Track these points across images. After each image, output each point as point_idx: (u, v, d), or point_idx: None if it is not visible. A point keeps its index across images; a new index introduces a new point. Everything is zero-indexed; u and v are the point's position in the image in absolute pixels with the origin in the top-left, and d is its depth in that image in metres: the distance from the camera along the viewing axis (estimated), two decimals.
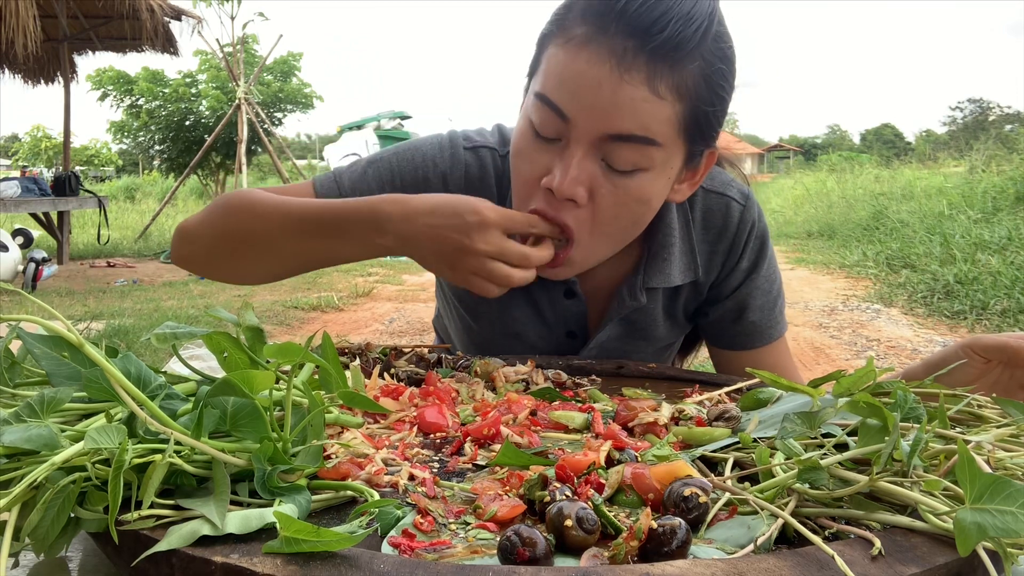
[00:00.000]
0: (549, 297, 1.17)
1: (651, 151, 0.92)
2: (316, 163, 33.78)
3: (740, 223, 1.16)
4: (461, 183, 1.14)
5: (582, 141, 0.92)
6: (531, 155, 0.97)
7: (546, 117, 0.94)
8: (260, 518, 0.51)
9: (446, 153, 1.15)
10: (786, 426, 0.64)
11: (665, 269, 1.12)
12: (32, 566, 0.58)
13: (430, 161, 1.15)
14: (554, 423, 0.79)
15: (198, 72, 16.92)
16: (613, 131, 0.90)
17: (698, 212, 1.16)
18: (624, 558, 0.51)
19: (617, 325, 1.18)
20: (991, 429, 0.67)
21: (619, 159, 0.92)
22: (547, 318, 1.19)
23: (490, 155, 1.16)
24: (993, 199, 9.42)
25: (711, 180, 1.17)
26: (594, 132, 0.91)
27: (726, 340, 1.24)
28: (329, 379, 0.72)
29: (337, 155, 9.95)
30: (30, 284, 6.73)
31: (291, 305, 6.28)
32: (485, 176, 1.15)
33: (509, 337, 1.21)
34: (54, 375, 0.62)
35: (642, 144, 0.91)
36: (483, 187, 1.15)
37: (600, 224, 0.97)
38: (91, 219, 12.39)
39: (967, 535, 0.48)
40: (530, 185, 0.98)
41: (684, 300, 1.20)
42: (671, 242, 1.12)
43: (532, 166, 0.97)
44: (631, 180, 0.94)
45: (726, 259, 1.17)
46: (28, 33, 7.43)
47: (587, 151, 0.92)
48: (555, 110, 0.92)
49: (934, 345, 4.93)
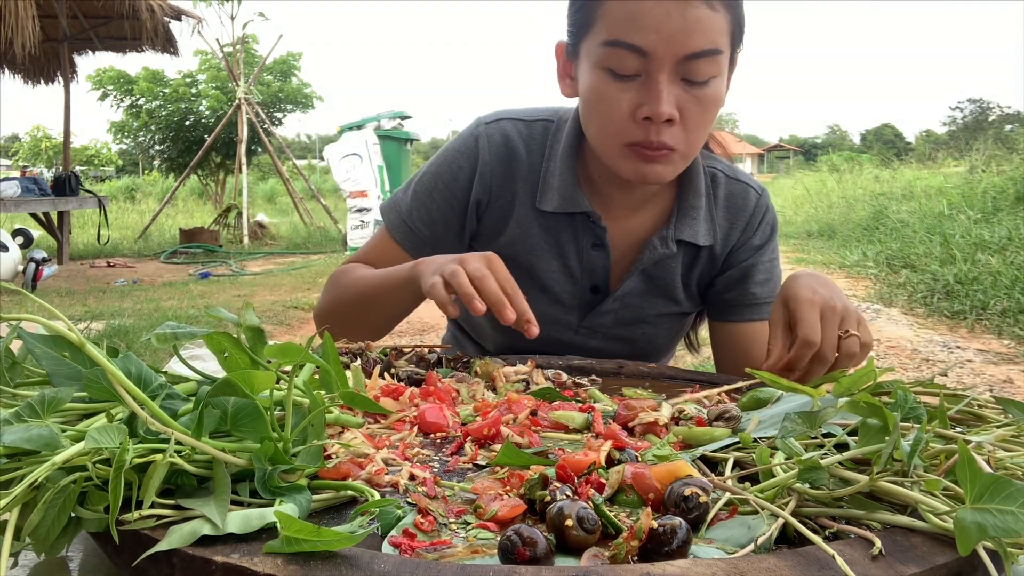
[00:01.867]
0: (577, 248, 1.25)
1: (719, 59, 1.06)
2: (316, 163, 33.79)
3: (756, 207, 1.29)
4: (488, 156, 1.26)
5: (664, 68, 1.04)
6: (615, 95, 1.08)
7: (624, 58, 1.05)
8: (261, 518, 0.51)
9: (468, 143, 1.28)
10: (786, 426, 0.64)
11: (693, 226, 1.24)
12: (32, 566, 0.58)
13: (460, 160, 1.28)
14: (554, 423, 0.79)
15: (198, 72, 16.91)
16: (689, 51, 1.03)
17: (722, 193, 1.28)
18: (624, 558, 0.51)
19: (639, 279, 1.26)
20: (991, 429, 0.67)
21: (697, 73, 1.05)
22: (573, 270, 1.27)
23: (511, 125, 1.27)
24: (993, 199, 9.41)
25: (734, 171, 1.31)
26: (673, 57, 1.03)
27: (728, 311, 1.30)
28: (329, 379, 0.72)
29: (337, 155, 9.94)
30: (30, 284, 6.73)
31: (291, 305, 6.28)
32: (509, 142, 1.26)
33: (536, 290, 1.27)
34: (55, 375, 0.62)
35: (713, 55, 1.04)
36: (509, 152, 1.26)
37: (691, 132, 1.09)
38: (91, 219, 12.40)
39: (967, 535, 0.48)
40: (620, 123, 1.08)
41: (700, 270, 1.29)
42: (700, 204, 1.25)
43: (619, 105, 1.07)
44: (708, 88, 1.07)
45: (741, 235, 1.29)
46: (28, 33, 7.43)
47: (670, 76, 1.04)
48: (633, 49, 1.03)
49: (934, 345, 4.93)
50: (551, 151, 1.25)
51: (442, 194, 1.27)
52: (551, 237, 1.25)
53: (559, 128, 1.26)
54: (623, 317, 1.28)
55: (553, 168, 1.23)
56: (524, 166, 1.25)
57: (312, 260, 9.68)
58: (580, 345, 1.29)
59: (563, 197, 1.21)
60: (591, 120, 1.14)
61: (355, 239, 9.67)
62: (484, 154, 1.26)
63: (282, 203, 19.66)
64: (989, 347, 4.87)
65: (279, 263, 9.63)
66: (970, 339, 5.14)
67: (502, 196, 1.26)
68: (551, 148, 1.25)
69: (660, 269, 1.26)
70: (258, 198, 20.73)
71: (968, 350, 4.80)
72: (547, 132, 1.27)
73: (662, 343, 1.35)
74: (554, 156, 1.24)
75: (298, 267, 9.03)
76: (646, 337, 1.31)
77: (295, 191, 13.00)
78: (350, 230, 9.74)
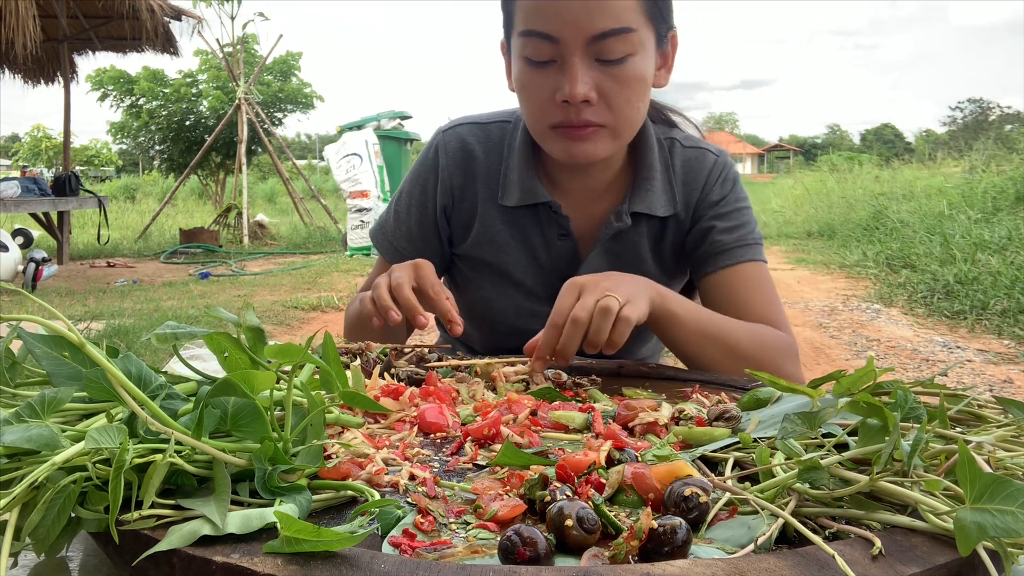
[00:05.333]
0: (544, 239, 1.29)
1: (631, 37, 1.09)
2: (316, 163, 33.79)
3: (713, 167, 1.31)
4: (446, 162, 1.31)
5: (575, 51, 1.08)
6: (535, 82, 1.13)
7: (537, 45, 1.10)
8: (261, 518, 0.51)
9: (429, 155, 1.34)
10: (786, 426, 0.64)
11: (648, 198, 1.26)
12: (32, 566, 0.58)
13: (425, 172, 1.34)
14: (554, 423, 0.79)
15: (198, 72, 16.91)
16: (596, 32, 1.07)
17: (678, 162, 1.30)
18: (624, 558, 0.51)
19: (602, 255, 1.28)
20: (992, 429, 0.67)
21: (609, 53, 1.09)
22: (542, 262, 1.30)
23: (467, 129, 1.33)
24: (993, 199, 9.41)
25: (691, 140, 1.33)
26: (581, 39, 1.08)
27: (699, 266, 1.29)
28: (329, 379, 0.72)
29: (337, 155, 9.95)
30: (30, 284, 6.73)
31: (291, 305, 6.28)
32: (465, 146, 1.31)
33: (509, 285, 1.32)
34: (55, 375, 0.62)
35: (622, 33, 1.08)
36: (466, 155, 1.31)
37: (616, 110, 1.13)
38: (91, 219, 12.40)
39: (967, 535, 0.48)
40: (543, 107, 1.13)
41: (669, 240, 1.31)
42: (653, 175, 1.27)
43: (540, 91, 1.13)
44: (625, 66, 1.10)
45: (700, 196, 1.30)
46: (28, 33, 7.43)
47: (581, 57, 1.09)
48: (543, 36, 1.09)
49: (934, 345, 4.93)
50: (510, 149, 1.29)
51: (416, 209, 1.34)
52: (517, 232, 1.29)
53: (516, 127, 1.30)
54: None
55: (512, 165, 1.27)
56: (483, 167, 1.30)
57: (312, 260, 9.68)
58: None
59: (522, 190, 1.25)
60: (522, 108, 1.20)
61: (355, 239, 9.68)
62: (443, 161, 1.31)
63: (282, 203, 19.67)
64: (989, 347, 4.87)
65: (279, 263, 9.63)
66: (970, 339, 5.14)
67: (465, 199, 1.31)
68: (509, 147, 1.29)
69: (621, 245, 1.28)
70: (258, 198, 20.74)
71: (968, 350, 4.80)
72: (504, 132, 1.31)
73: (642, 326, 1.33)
74: (513, 154, 1.28)
75: (298, 267, 9.03)
76: None
77: (295, 191, 13.00)
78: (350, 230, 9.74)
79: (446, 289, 1.11)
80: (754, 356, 1.13)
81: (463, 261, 1.36)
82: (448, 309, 1.07)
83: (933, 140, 37.99)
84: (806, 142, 71.09)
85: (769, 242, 11.84)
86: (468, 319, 1.39)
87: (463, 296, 1.39)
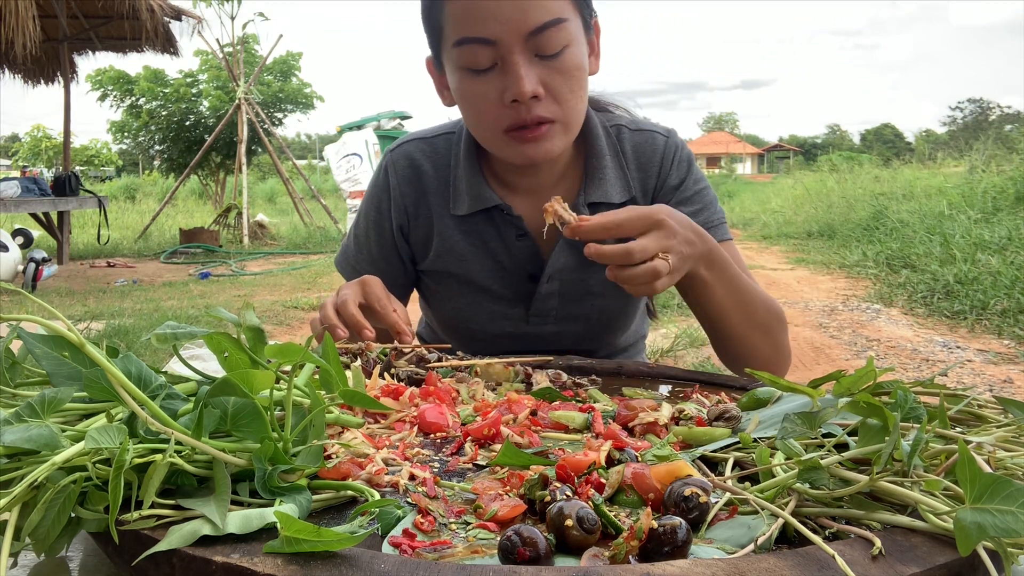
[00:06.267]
0: (503, 243, 1.28)
1: (566, 27, 1.10)
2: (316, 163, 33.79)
3: (665, 149, 1.30)
4: (396, 181, 1.32)
5: (514, 50, 1.08)
6: (478, 90, 1.13)
7: (475, 52, 1.10)
8: (261, 518, 0.51)
9: (380, 176, 1.35)
10: (786, 426, 0.64)
11: (602, 187, 1.26)
12: (32, 566, 0.58)
13: (378, 193, 1.35)
14: (554, 423, 0.79)
15: (199, 72, 16.91)
16: (532, 27, 1.07)
17: (628, 148, 1.30)
18: (624, 558, 0.51)
19: (566, 253, 1.26)
20: (992, 429, 0.67)
21: (548, 46, 1.09)
22: (505, 265, 1.29)
23: (414, 146, 1.34)
24: (993, 199, 9.41)
25: (636, 123, 1.33)
26: (519, 36, 1.08)
27: None
28: (330, 379, 0.72)
29: (337, 155, 9.95)
30: (30, 284, 6.73)
31: (291, 305, 6.28)
32: (413, 163, 1.32)
33: (476, 293, 1.32)
34: (55, 375, 0.62)
35: (557, 24, 1.08)
36: (414, 172, 1.32)
37: (563, 102, 1.13)
38: (91, 219, 12.40)
39: (967, 535, 0.48)
40: (492, 113, 1.13)
41: None
42: (604, 164, 1.27)
43: (484, 98, 1.12)
44: (564, 57, 1.11)
45: (656, 180, 1.30)
46: (28, 33, 7.43)
47: (521, 55, 1.09)
48: (480, 41, 1.09)
49: (934, 345, 4.93)
50: (456, 160, 1.29)
51: (374, 231, 1.35)
52: (475, 239, 1.29)
53: (460, 136, 1.30)
54: (567, 294, 1.29)
55: (460, 174, 1.28)
56: (433, 180, 1.31)
57: (312, 260, 9.68)
58: (535, 334, 1.31)
59: (472, 197, 1.26)
60: (468, 119, 1.20)
61: None
62: (393, 180, 1.33)
63: (282, 203, 19.68)
64: (989, 347, 4.87)
65: (279, 263, 9.63)
66: (970, 339, 5.14)
67: (419, 215, 1.32)
68: (456, 157, 1.30)
69: None
70: (258, 198, 20.74)
71: (968, 350, 4.80)
72: (449, 143, 1.32)
73: (617, 313, 1.34)
74: (459, 163, 1.28)
75: (298, 267, 9.03)
76: (598, 309, 1.31)
77: (295, 191, 13.00)
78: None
79: (395, 301, 1.12)
80: (766, 325, 1.18)
81: (429, 276, 1.36)
82: (396, 321, 1.08)
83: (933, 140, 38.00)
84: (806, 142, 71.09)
85: (769, 242, 11.85)
86: (446, 332, 1.41)
87: (436, 311, 1.40)
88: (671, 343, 4.71)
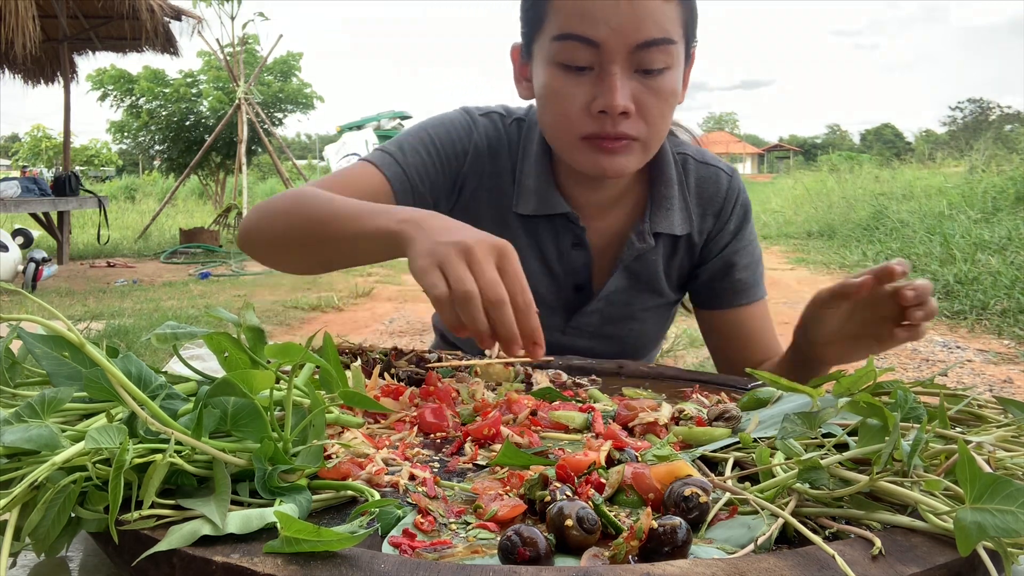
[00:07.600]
0: (558, 249, 1.25)
1: (672, 49, 1.05)
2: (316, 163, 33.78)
3: (728, 190, 1.28)
4: (484, 146, 1.24)
5: (616, 59, 1.03)
6: (569, 90, 1.07)
7: (575, 51, 1.04)
8: (261, 518, 0.51)
9: (463, 121, 1.25)
10: (786, 426, 0.64)
11: (669, 217, 1.23)
12: (32, 566, 0.58)
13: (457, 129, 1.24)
14: (554, 423, 0.79)
15: (200, 72, 16.90)
16: (641, 40, 1.02)
17: (692, 180, 1.27)
18: (624, 558, 0.51)
19: (623, 275, 1.25)
20: (992, 429, 0.67)
21: (651, 63, 1.04)
22: (555, 271, 1.26)
23: (500, 119, 1.27)
24: (993, 199, 9.41)
25: (702, 155, 1.30)
26: (625, 47, 1.03)
27: (715, 299, 1.30)
28: (330, 379, 0.72)
29: (337, 155, 9.95)
30: (30, 284, 6.73)
31: (291, 305, 6.28)
32: (500, 137, 1.25)
33: None
34: (55, 375, 0.62)
35: (666, 44, 1.04)
36: (499, 148, 1.25)
37: (650, 123, 1.08)
38: (91, 219, 12.39)
39: (967, 535, 0.48)
40: (575, 116, 1.07)
41: (680, 259, 1.29)
42: (672, 193, 1.23)
43: (573, 99, 1.07)
44: (663, 79, 1.06)
45: (716, 221, 1.28)
46: (28, 33, 7.43)
47: (623, 66, 1.04)
48: (584, 41, 1.03)
49: (934, 345, 4.93)
50: (524, 152, 1.24)
51: (437, 154, 1.21)
52: (531, 239, 1.24)
53: (531, 128, 1.25)
54: (610, 315, 1.28)
55: (528, 170, 1.22)
56: (507, 164, 1.24)
57: None
58: (567, 346, 1.28)
59: (540, 200, 1.21)
60: (546, 117, 1.13)
61: None
62: (479, 140, 1.24)
63: None
64: (989, 347, 4.87)
65: None
66: (970, 339, 5.14)
67: (484, 187, 1.24)
68: (524, 149, 1.24)
69: (641, 264, 1.25)
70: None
71: (968, 350, 4.80)
72: (520, 131, 1.26)
73: (650, 337, 1.35)
74: (527, 157, 1.23)
75: None
76: (634, 333, 1.31)
77: None
78: None
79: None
80: None
81: None
82: (536, 327, 0.81)
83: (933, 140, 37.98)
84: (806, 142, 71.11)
85: (769, 242, 11.84)
86: None
87: None
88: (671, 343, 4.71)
